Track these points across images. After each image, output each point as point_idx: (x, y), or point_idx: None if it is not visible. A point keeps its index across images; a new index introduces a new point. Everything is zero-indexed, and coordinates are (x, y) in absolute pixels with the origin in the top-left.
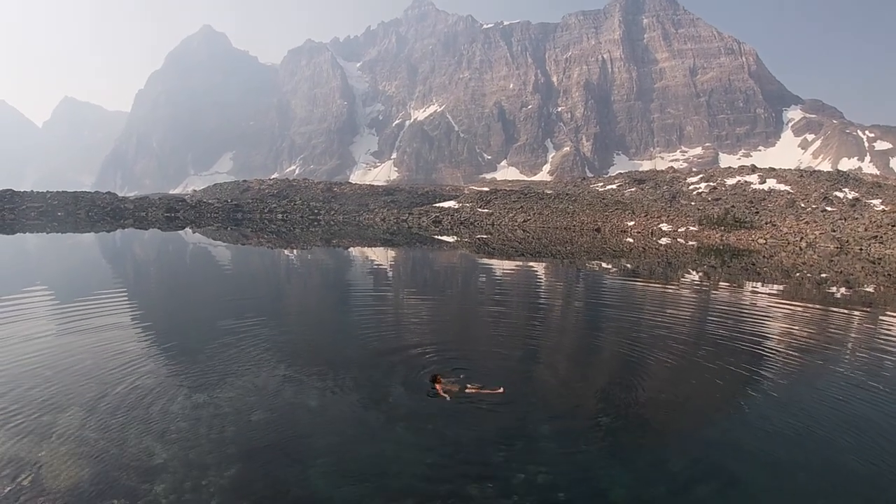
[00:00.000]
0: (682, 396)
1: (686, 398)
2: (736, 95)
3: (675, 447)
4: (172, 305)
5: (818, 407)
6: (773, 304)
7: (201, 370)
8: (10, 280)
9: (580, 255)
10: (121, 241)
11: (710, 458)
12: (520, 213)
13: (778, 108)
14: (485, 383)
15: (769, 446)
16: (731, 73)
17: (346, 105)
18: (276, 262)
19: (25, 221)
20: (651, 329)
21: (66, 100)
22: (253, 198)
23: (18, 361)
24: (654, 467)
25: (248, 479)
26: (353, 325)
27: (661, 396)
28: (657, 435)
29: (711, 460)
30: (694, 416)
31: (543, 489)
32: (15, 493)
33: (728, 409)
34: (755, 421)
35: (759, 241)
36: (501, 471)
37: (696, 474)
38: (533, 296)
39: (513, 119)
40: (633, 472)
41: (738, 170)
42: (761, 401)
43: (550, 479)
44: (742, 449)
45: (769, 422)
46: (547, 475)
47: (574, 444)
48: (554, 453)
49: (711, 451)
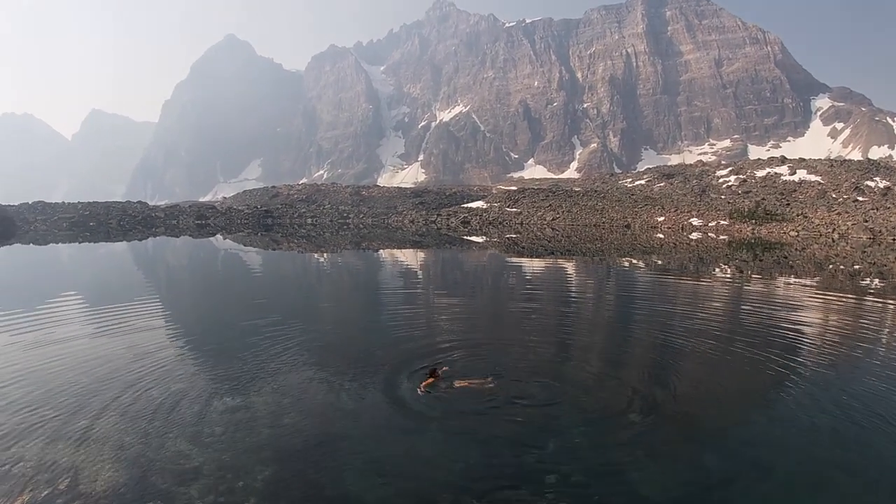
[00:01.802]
0: (716, 392)
1: (720, 394)
2: (763, 86)
3: (710, 444)
4: (205, 310)
5: (855, 401)
6: (806, 297)
7: (235, 373)
8: (44, 289)
9: (610, 253)
10: (153, 249)
11: (745, 455)
12: (548, 212)
13: (805, 97)
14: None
15: (806, 442)
16: (757, 63)
17: (371, 108)
18: (306, 266)
19: (57, 232)
20: (684, 325)
21: (93, 112)
22: (282, 203)
23: (54, 367)
24: (689, 465)
25: (282, 481)
26: (385, 327)
27: (696, 393)
28: (692, 432)
29: (747, 457)
30: (729, 412)
31: (577, 489)
32: (52, 496)
33: (763, 404)
34: (792, 416)
35: (790, 233)
36: (535, 471)
37: (731, 472)
38: (564, 294)
39: (538, 117)
40: (668, 470)
41: (767, 161)
42: (797, 395)
43: (584, 478)
44: (778, 445)
45: (806, 417)
46: (580, 475)
47: (607, 443)
48: (587, 452)
49: (747, 448)
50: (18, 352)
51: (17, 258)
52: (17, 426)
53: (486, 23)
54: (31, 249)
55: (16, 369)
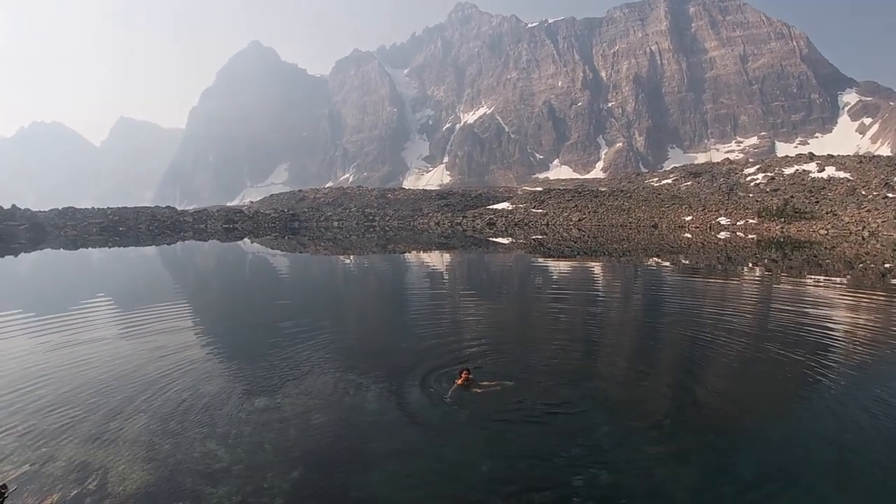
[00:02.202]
0: (745, 394)
1: (750, 396)
2: (789, 81)
3: (739, 446)
4: (234, 312)
5: (888, 402)
6: (836, 297)
7: (263, 375)
8: (75, 292)
9: (637, 253)
10: (181, 253)
11: (775, 457)
12: (574, 212)
13: (833, 92)
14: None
15: (837, 445)
16: (783, 59)
17: (395, 112)
18: (333, 269)
19: (87, 237)
20: (712, 325)
21: (122, 120)
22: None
23: (84, 368)
24: (718, 468)
25: (310, 482)
26: (411, 329)
27: (725, 394)
28: (721, 434)
29: (776, 460)
30: (758, 414)
31: (606, 491)
32: (82, 495)
33: (794, 406)
34: (822, 418)
35: (819, 231)
36: (563, 473)
37: (760, 475)
38: (591, 295)
39: (563, 117)
40: (697, 472)
41: (795, 158)
42: (828, 397)
43: (612, 481)
44: (809, 448)
45: (837, 419)
46: (609, 477)
47: (636, 445)
48: (616, 455)
49: (776, 450)
50: (50, 353)
51: (48, 263)
52: (48, 426)
53: (508, 24)
54: (62, 254)
55: (47, 370)
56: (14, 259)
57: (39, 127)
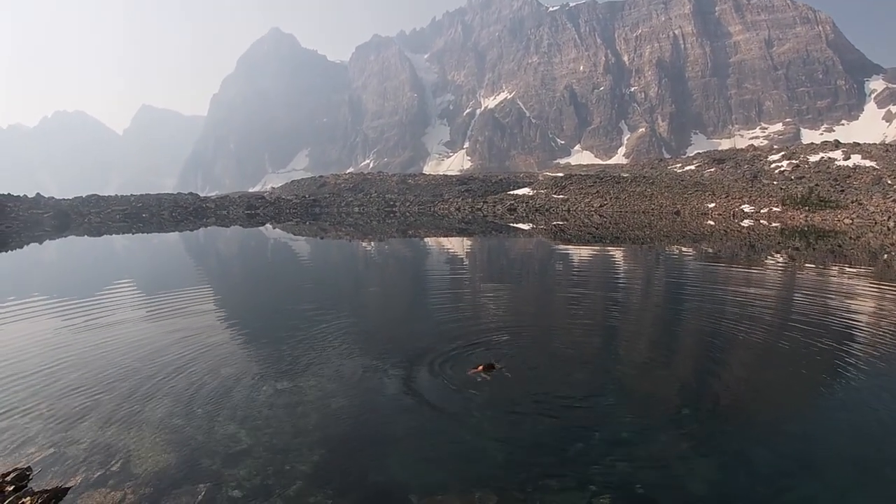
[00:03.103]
0: (767, 386)
1: (770, 387)
2: (815, 67)
3: (758, 439)
4: (255, 297)
5: None
6: (861, 288)
7: (283, 358)
8: (98, 278)
9: (659, 240)
10: (204, 239)
11: (795, 451)
12: (596, 198)
13: (859, 78)
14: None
15: (857, 439)
16: (809, 44)
17: (416, 97)
18: (354, 254)
19: (111, 224)
20: (734, 315)
21: (143, 108)
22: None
23: (108, 352)
24: (736, 460)
25: (329, 464)
26: (432, 314)
27: (746, 385)
28: (740, 426)
29: (797, 453)
30: (780, 405)
31: (622, 480)
32: (105, 477)
33: (816, 398)
34: (846, 412)
35: (844, 221)
36: (579, 460)
37: (780, 468)
38: (612, 282)
39: (585, 102)
40: (715, 464)
41: (820, 146)
42: (852, 390)
43: (629, 469)
44: (830, 442)
45: (861, 413)
46: (625, 466)
47: (653, 435)
48: (633, 444)
49: (797, 444)
50: (74, 337)
51: (72, 249)
52: (72, 408)
53: (529, 7)
54: (86, 241)
55: (71, 353)
56: (39, 246)
57: (62, 116)
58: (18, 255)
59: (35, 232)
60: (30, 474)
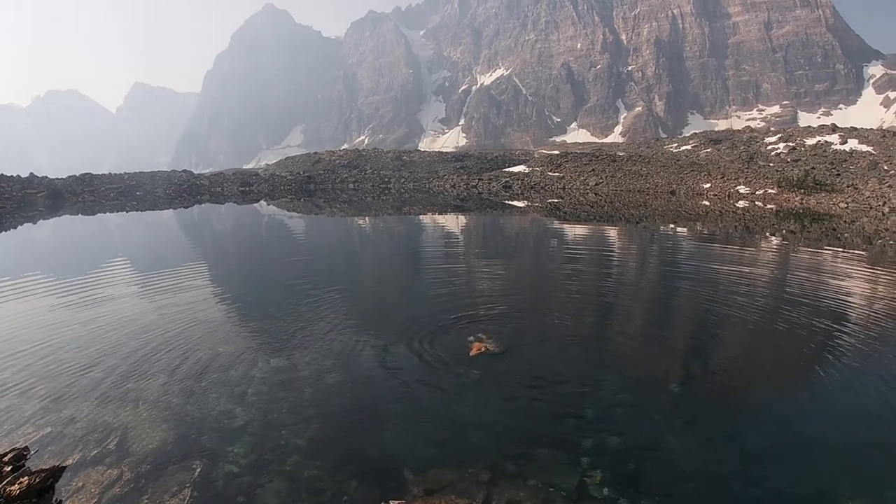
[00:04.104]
0: (760, 365)
1: (764, 367)
2: (814, 50)
3: (750, 420)
4: (250, 273)
5: None
6: (855, 272)
7: (278, 335)
8: (93, 256)
9: (654, 219)
10: (198, 216)
11: (787, 431)
12: (591, 177)
13: (858, 63)
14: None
15: (851, 422)
16: (808, 27)
17: (411, 73)
18: (349, 230)
19: (105, 202)
20: (728, 295)
21: (137, 85)
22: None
23: (103, 330)
24: (728, 439)
25: (325, 440)
26: (426, 290)
27: (739, 364)
28: (733, 405)
29: (789, 434)
30: (772, 386)
31: (614, 456)
32: (102, 455)
33: (809, 380)
34: (838, 394)
35: (839, 204)
36: (572, 436)
37: (771, 448)
38: (606, 260)
39: (582, 80)
40: (706, 443)
41: (817, 129)
42: (844, 372)
43: (621, 446)
44: (822, 424)
45: (852, 395)
46: (617, 442)
47: (646, 412)
48: (625, 421)
49: (789, 425)
50: (69, 316)
51: (66, 228)
52: (68, 388)
53: None
54: (80, 220)
55: (67, 332)
56: (33, 226)
57: (55, 95)
58: (12, 235)
59: (29, 212)
60: (27, 454)
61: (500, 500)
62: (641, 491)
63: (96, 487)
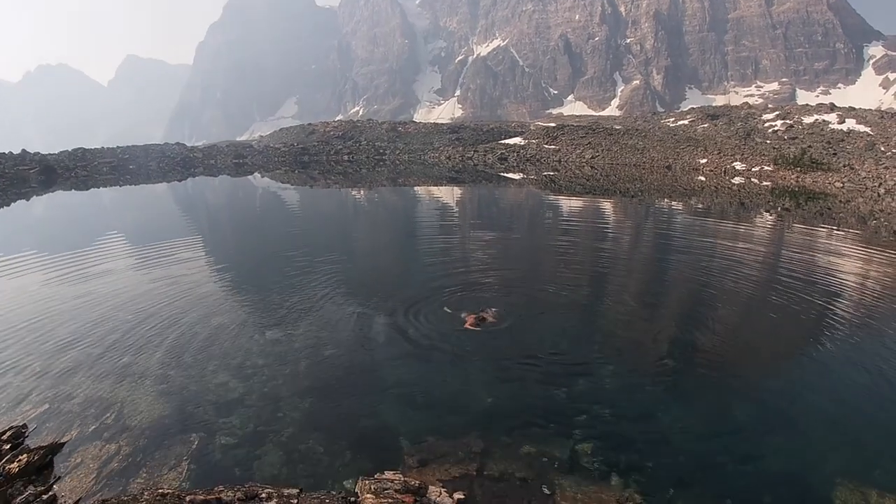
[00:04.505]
0: (750, 342)
1: (754, 344)
2: (814, 28)
3: (740, 394)
4: (244, 246)
5: (891, 361)
6: (848, 252)
7: (274, 308)
8: (87, 231)
9: (650, 193)
10: (192, 189)
11: (775, 407)
12: (587, 150)
13: (858, 43)
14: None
15: (839, 399)
16: (809, 5)
17: (407, 43)
18: (343, 203)
19: (98, 177)
20: (721, 271)
21: (128, 58)
22: (318, 140)
23: (98, 306)
24: (718, 413)
25: (321, 411)
26: (421, 263)
27: (730, 340)
28: (723, 381)
29: (777, 410)
30: (761, 363)
31: (605, 427)
32: (100, 430)
33: (797, 357)
34: (826, 371)
35: (835, 184)
36: (564, 408)
37: (758, 423)
38: (600, 234)
39: (579, 52)
40: (696, 416)
41: (815, 108)
42: (833, 350)
43: (612, 418)
44: (810, 401)
45: (839, 375)
46: (609, 415)
47: (638, 386)
48: (617, 393)
49: (778, 400)
50: (64, 292)
51: (60, 204)
52: (65, 364)
53: None
54: (73, 195)
55: (62, 309)
56: (26, 203)
57: (45, 70)
58: (5, 212)
59: (21, 189)
60: (26, 431)
61: (493, 470)
62: (632, 463)
63: (95, 462)
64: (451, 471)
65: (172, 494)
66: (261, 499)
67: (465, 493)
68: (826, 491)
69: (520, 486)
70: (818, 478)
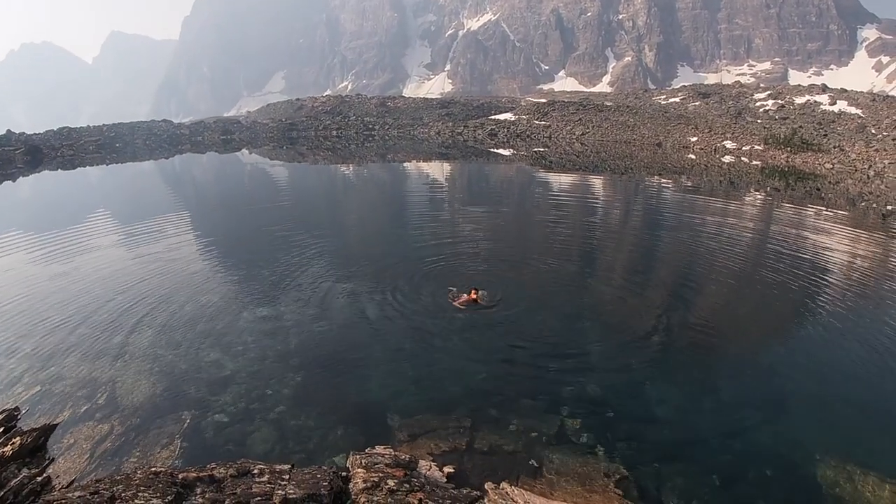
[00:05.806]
0: (736, 321)
1: (740, 322)
2: (808, 9)
3: (725, 371)
4: (233, 224)
5: (873, 341)
6: (836, 233)
7: (263, 285)
8: (75, 212)
9: (640, 171)
10: (179, 167)
11: (760, 384)
12: (578, 126)
13: (852, 25)
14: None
15: (822, 378)
16: None
17: (396, 17)
18: (332, 179)
19: (84, 156)
20: (710, 250)
21: (113, 34)
22: (307, 116)
23: (88, 286)
24: (703, 389)
25: (311, 388)
26: (410, 239)
27: (718, 318)
28: (709, 358)
29: (760, 388)
30: (747, 341)
31: (593, 403)
32: (92, 410)
33: (782, 336)
34: (811, 350)
35: (825, 165)
36: (553, 384)
37: (743, 400)
38: (590, 211)
39: (571, 27)
40: (682, 392)
41: (807, 88)
42: (819, 330)
43: (600, 393)
44: (794, 379)
45: (823, 353)
46: (596, 390)
47: (625, 361)
48: (605, 369)
49: (762, 378)
50: (53, 273)
51: (46, 184)
52: (55, 345)
53: None
54: (60, 175)
55: (51, 291)
56: (13, 184)
57: (29, 49)
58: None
59: (7, 170)
60: (18, 414)
61: (482, 445)
62: (619, 438)
63: (88, 443)
64: (441, 445)
65: (165, 473)
66: (253, 475)
67: (455, 466)
68: (808, 465)
69: (508, 460)
70: (801, 453)
